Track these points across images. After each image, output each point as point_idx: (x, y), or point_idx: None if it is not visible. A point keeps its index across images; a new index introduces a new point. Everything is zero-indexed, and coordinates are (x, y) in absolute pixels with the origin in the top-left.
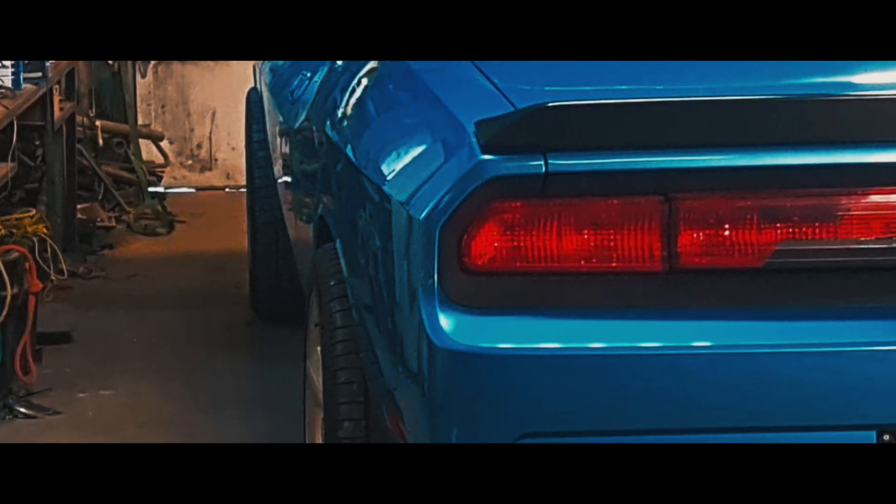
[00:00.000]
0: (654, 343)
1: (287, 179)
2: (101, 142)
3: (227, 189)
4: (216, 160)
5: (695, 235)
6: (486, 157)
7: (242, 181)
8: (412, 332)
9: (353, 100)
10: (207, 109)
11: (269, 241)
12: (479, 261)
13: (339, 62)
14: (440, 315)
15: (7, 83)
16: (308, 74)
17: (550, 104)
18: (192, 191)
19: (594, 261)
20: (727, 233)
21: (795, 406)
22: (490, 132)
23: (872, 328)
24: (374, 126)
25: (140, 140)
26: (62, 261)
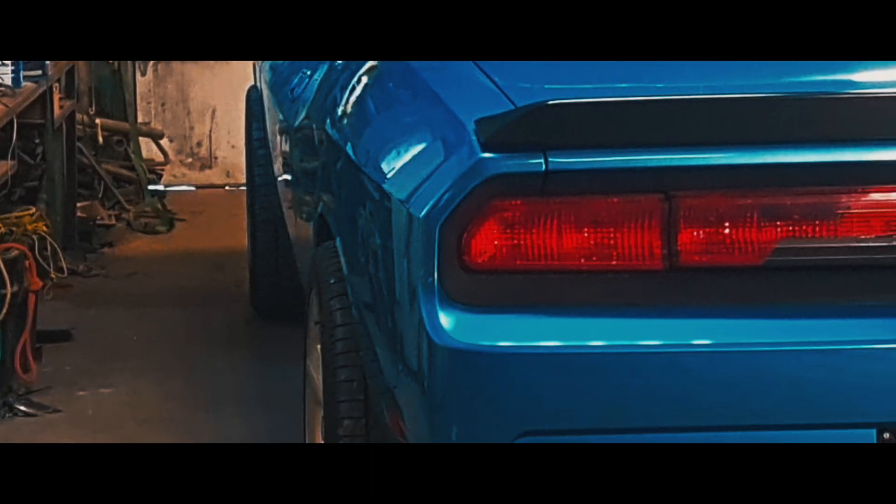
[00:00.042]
0: (655, 341)
1: (287, 177)
2: (101, 140)
3: (227, 187)
4: (216, 158)
5: (695, 233)
6: (487, 156)
7: (242, 179)
8: (412, 331)
9: (354, 98)
10: (207, 107)
11: (269, 240)
12: (479, 259)
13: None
14: (440, 313)
15: (7, 81)
16: (308, 72)
17: (550, 102)
18: (192, 189)
19: (594, 259)
20: (727, 231)
21: (795, 404)
22: (490, 130)
23: (872, 326)
24: (374, 124)
25: (140, 138)
26: (62, 259)
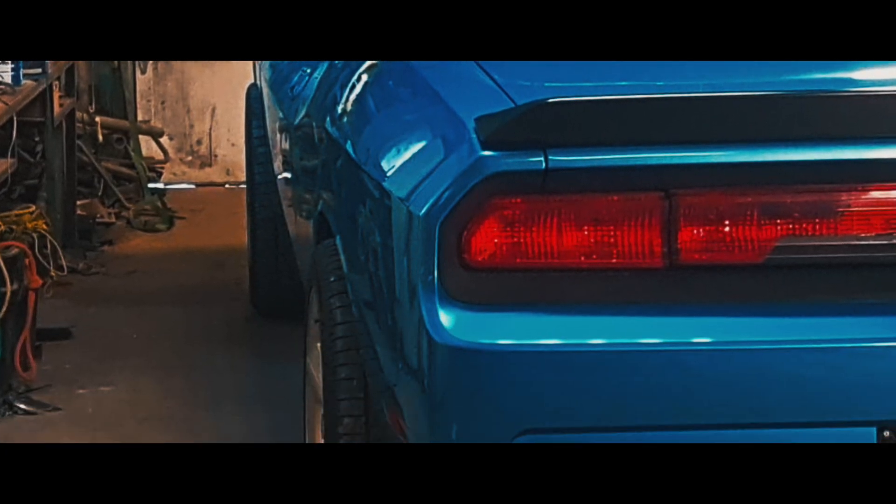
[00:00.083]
0: (655, 339)
1: (287, 176)
2: (101, 138)
3: (227, 185)
4: (216, 156)
5: (695, 232)
6: (487, 154)
7: (242, 177)
8: (412, 329)
9: (353, 96)
10: (207, 106)
11: (269, 238)
12: (479, 257)
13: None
14: (440, 311)
15: (7, 79)
16: (308, 71)
17: (550, 100)
18: (192, 187)
19: (594, 257)
20: (727, 229)
21: (795, 402)
22: (490, 128)
23: (872, 324)
24: (374, 122)
25: (140, 136)
26: (62, 257)
